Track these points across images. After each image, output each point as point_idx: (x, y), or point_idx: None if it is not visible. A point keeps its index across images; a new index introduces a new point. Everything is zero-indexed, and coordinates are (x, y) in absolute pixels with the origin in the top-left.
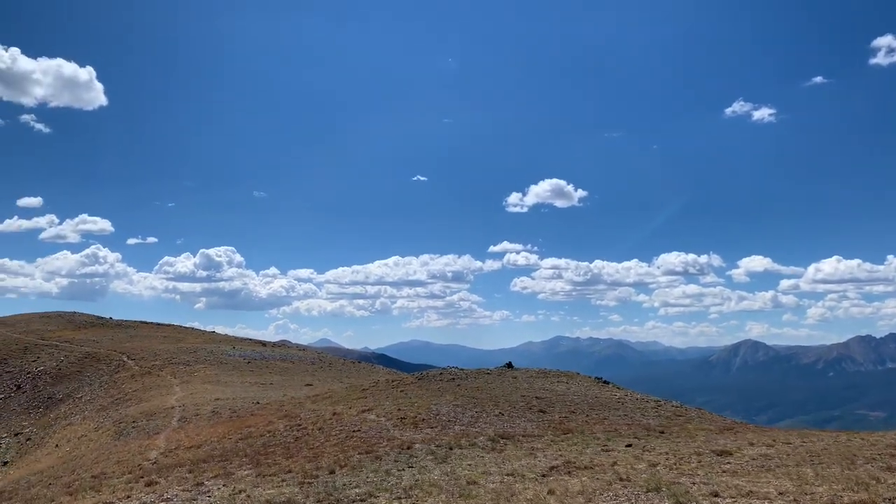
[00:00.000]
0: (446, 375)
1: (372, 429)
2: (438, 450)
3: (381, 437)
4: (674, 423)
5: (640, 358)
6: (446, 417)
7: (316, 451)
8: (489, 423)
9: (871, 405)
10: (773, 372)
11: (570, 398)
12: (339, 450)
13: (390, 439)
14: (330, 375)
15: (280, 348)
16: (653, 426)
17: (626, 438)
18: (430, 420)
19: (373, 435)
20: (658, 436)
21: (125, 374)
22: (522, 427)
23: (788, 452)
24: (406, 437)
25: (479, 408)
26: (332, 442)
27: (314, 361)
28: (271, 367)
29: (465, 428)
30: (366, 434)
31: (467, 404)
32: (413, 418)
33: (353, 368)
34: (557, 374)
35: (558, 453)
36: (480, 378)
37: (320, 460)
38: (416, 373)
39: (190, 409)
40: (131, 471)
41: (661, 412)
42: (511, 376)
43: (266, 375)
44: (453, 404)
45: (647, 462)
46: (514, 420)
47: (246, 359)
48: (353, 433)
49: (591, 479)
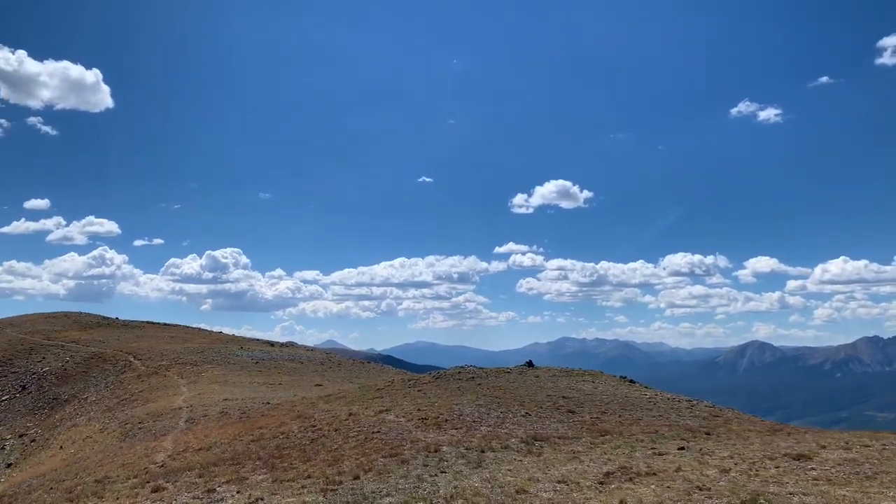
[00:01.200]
0: (465, 374)
1: (392, 430)
2: (469, 453)
3: (403, 438)
4: (714, 423)
5: (647, 359)
6: (470, 418)
7: (335, 453)
8: (517, 424)
9: (880, 406)
10: (781, 373)
11: (599, 398)
12: (360, 453)
13: (414, 441)
14: (339, 376)
15: (288, 349)
16: (695, 427)
17: (673, 440)
18: (453, 421)
19: (394, 437)
20: (706, 437)
21: (131, 374)
22: (554, 428)
23: (875, 457)
24: (430, 438)
25: (504, 408)
26: (352, 444)
27: (323, 362)
28: (280, 368)
29: (492, 429)
30: (386, 436)
31: (491, 404)
32: (435, 419)
33: (363, 369)
34: (581, 374)
35: (605, 457)
36: (501, 377)
37: (341, 464)
38: (432, 372)
39: (198, 409)
40: (137, 475)
41: (696, 412)
42: (533, 375)
43: (275, 376)
44: (476, 404)
45: (716, 468)
46: (544, 421)
47: (254, 359)
48: (372, 434)
49: (660, 487)
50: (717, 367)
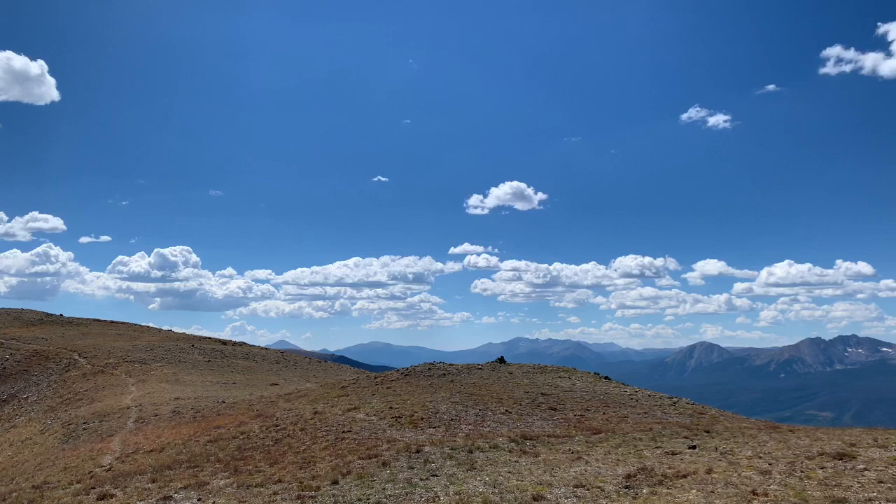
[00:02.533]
0: (435, 371)
1: (364, 429)
2: (455, 453)
3: (378, 438)
4: (706, 421)
5: (598, 359)
6: (447, 416)
7: (305, 455)
8: (499, 423)
9: (821, 405)
10: (727, 373)
11: (579, 395)
12: (333, 454)
13: (390, 441)
14: (296, 375)
15: (242, 347)
16: (687, 424)
17: (675, 439)
18: (429, 419)
19: (367, 436)
20: (708, 436)
21: (76, 373)
22: (539, 426)
23: None
24: (408, 438)
25: (482, 405)
26: (322, 445)
27: (278, 360)
28: (233, 366)
29: (473, 427)
30: (359, 435)
31: (467, 401)
32: (410, 417)
33: (319, 368)
34: (556, 370)
35: (612, 457)
36: (474, 373)
37: (314, 467)
38: (400, 369)
39: (148, 409)
40: (80, 479)
41: (680, 410)
42: (507, 372)
43: (228, 374)
44: (451, 401)
45: (752, 469)
46: (526, 419)
47: (206, 357)
48: (343, 434)
49: (703, 492)
50: (667, 367)
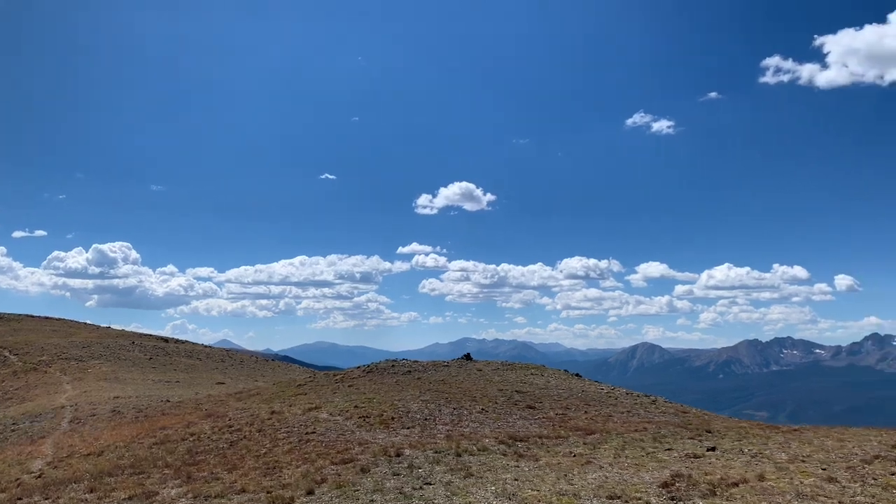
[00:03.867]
0: (400, 368)
1: (330, 430)
2: (442, 457)
3: (347, 440)
4: (697, 420)
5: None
6: (421, 415)
7: (267, 459)
8: (478, 422)
9: (757, 405)
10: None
11: (556, 392)
12: (300, 458)
13: (362, 443)
14: (242, 373)
15: (185, 345)
16: (682, 423)
17: (681, 439)
18: (401, 419)
19: (335, 438)
20: (708, 435)
21: (6, 370)
22: (522, 426)
23: None
24: (381, 439)
25: (456, 404)
26: (284, 447)
27: (223, 359)
28: (176, 364)
29: (451, 428)
30: (325, 437)
31: (438, 400)
32: (379, 417)
33: (267, 367)
34: (526, 367)
35: (626, 461)
36: (441, 371)
37: (281, 473)
38: (363, 365)
39: (84, 408)
40: (5, 488)
41: (662, 409)
42: (475, 369)
43: (171, 373)
44: (422, 400)
45: (814, 475)
46: (506, 418)
47: (147, 354)
48: (307, 436)
49: None
50: (610, 367)
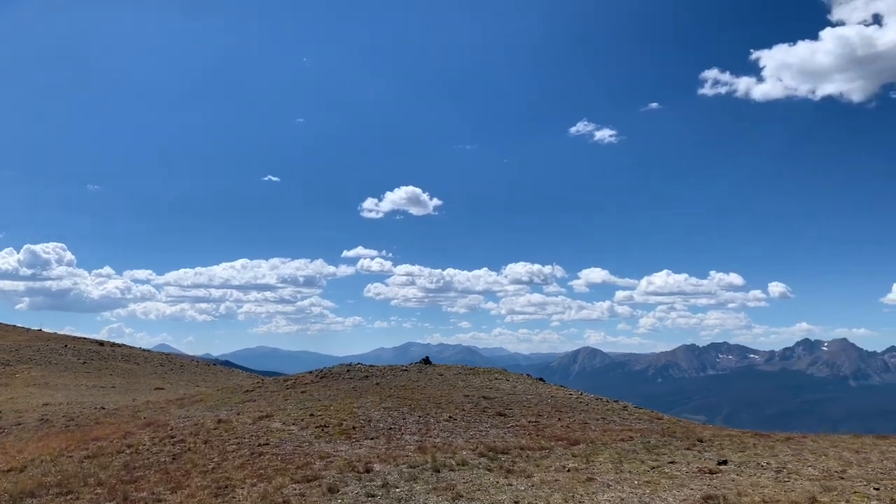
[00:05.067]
0: (356, 373)
1: (286, 441)
2: (419, 472)
3: (306, 453)
4: (680, 428)
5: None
6: (384, 424)
7: (216, 476)
8: (448, 431)
9: (694, 409)
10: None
11: (524, 398)
12: (254, 474)
13: (324, 456)
14: (183, 378)
15: (122, 348)
16: (668, 432)
17: (676, 450)
18: (363, 428)
19: (291, 450)
20: (702, 444)
21: None
22: (496, 435)
23: None
24: (345, 452)
25: (421, 411)
26: (235, 462)
27: (163, 363)
28: (112, 369)
29: (419, 438)
30: (281, 449)
31: (402, 407)
32: (338, 426)
33: (209, 371)
34: (489, 371)
35: (630, 476)
36: (400, 375)
37: (234, 494)
38: (315, 370)
39: (9, 416)
40: None
41: (636, 415)
42: (436, 374)
43: (106, 378)
44: (383, 407)
45: (874, 498)
46: (476, 426)
47: (81, 359)
48: (260, 448)
49: None
50: (552, 371)
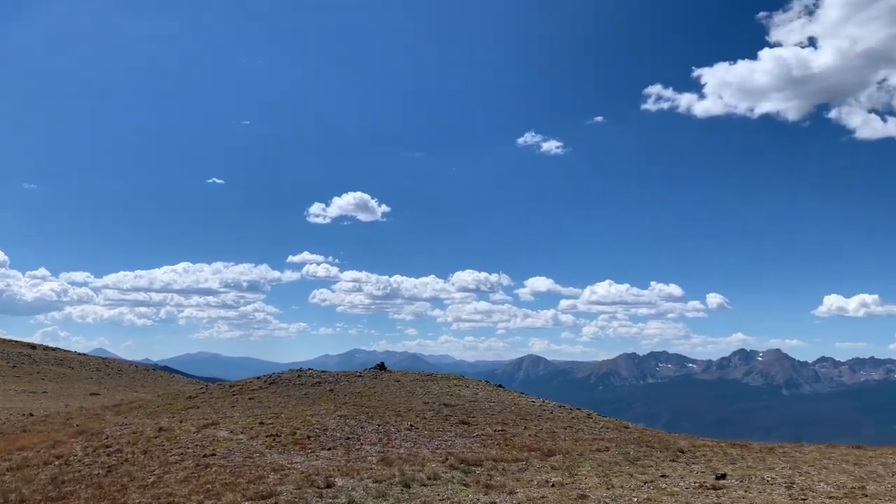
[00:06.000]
0: (308, 379)
1: (235, 452)
2: (387, 488)
3: (257, 465)
4: (651, 437)
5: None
6: (341, 433)
7: (157, 492)
8: (411, 441)
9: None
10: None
11: (487, 405)
12: (200, 490)
13: (278, 469)
14: (120, 384)
15: (55, 352)
16: (642, 441)
17: (661, 462)
18: (319, 437)
19: (241, 462)
20: (683, 456)
21: None
22: (465, 445)
23: None
24: (300, 464)
25: (380, 419)
26: (179, 475)
27: (99, 368)
28: (44, 373)
29: (380, 449)
30: (229, 460)
31: (359, 415)
32: (292, 435)
33: (148, 377)
34: (447, 378)
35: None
36: (355, 382)
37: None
38: (265, 375)
39: None
40: None
41: (602, 423)
42: (393, 380)
43: (37, 382)
44: (339, 415)
45: None
46: (441, 435)
47: (11, 362)
48: (206, 459)
49: None
50: (497, 378)
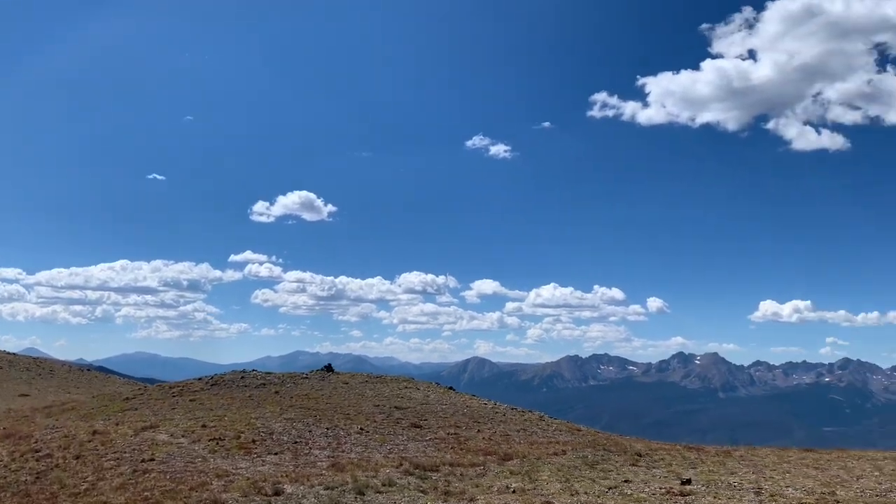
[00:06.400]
0: (252, 380)
1: (175, 456)
2: (339, 496)
3: (200, 471)
4: (606, 441)
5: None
6: (288, 437)
7: (90, 500)
8: (362, 445)
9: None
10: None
11: (438, 408)
12: (138, 497)
13: (222, 475)
14: (52, 385)
15: None
16: (594, 444)
17: (621, 466)
18: (265, 441)
19: (182, 467)
20: (642, 459)
21: None
22: (417, 449)
23: None
24: (245, 469)
25: (329, 423)
26: (114, 482)
27: (29, 367)
28: None
29: (330, 453)
30: (169, 466)
31: (306, 418)
32: (236, 439)
33: (83, 377)
34: (397, 380)
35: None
36: (301, 384)
37: None
38: (206, 376)
39: None
40: None
41: (555, 426)
42: (341, 382)
43: None
44: (285, 418)
45: None
46: (393, 439)
47: None
48: (145, 465)
49: None
50: (442, 381)
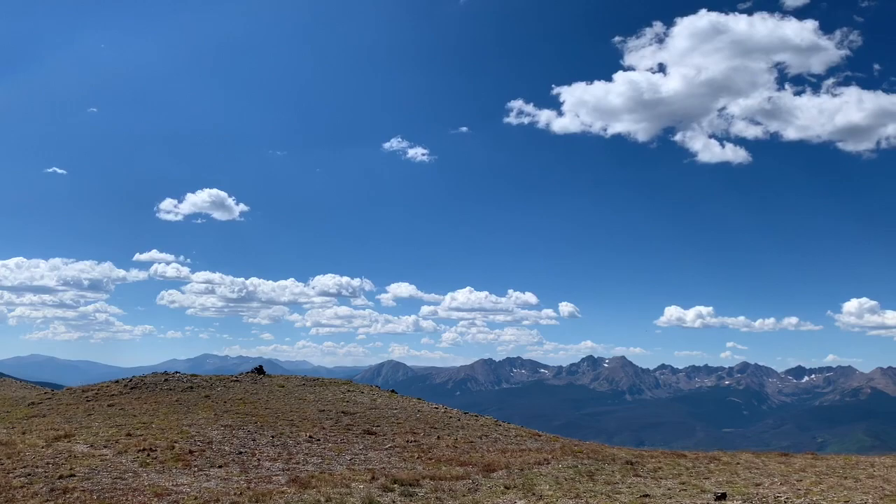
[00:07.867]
0: (177, 384)
1: (100, 471)
2: None
3: (133, 489)
4: (587, 448)
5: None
6: (231, 447)
7: None
8: (318, 456)
9: None
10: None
11: (389, 413)
12: None
13: (162, 494)
14: None
15: None
16: (576, 452)
17: (626, 477)
18: (204, 452)
19: (110, 484)
20: (636, 468)
21: None
22: (382, 460)
23: None
24: (188, 487)
25: (272, 430)
26: (27, 503)
27: None
28: None
29: (285, 466)
30: (95, 483)
31: (246, 425)
32: (170, 450)
33: None
34: (336, 383)
35: None
36: (232, 387)
37: None
38: (125, 379)
39: None
40: None
41: (517, 432)
42: (276, 385)
43: None
44: (222, 425)
45: None
46: (349, 448)
47: None
48: (63, 482)
49: None
50: None
